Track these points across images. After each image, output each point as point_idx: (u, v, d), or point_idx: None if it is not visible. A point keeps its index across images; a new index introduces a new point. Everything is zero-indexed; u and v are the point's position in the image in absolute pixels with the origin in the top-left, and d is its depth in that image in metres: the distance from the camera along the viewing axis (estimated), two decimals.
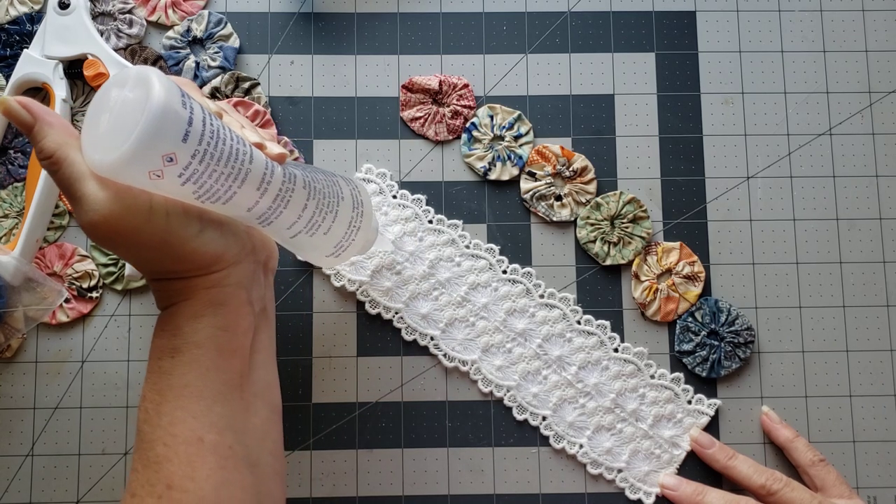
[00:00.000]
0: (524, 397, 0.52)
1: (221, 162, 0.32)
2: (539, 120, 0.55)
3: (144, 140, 0.30)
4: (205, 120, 0.32)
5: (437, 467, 0.52)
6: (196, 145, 0.31)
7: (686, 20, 0.56)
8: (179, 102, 0.31)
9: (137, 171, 0.31)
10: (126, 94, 0.31)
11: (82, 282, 0.52)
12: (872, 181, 0.55)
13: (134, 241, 0.34)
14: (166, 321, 0.37)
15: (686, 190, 0.54)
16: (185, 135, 0.30)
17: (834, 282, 0.54)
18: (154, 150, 0.30)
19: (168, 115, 0.30)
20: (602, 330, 0.53)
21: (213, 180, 0.32)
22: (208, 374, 0.36)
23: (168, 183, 0.31)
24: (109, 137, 0.31)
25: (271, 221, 0.37)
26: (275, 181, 0.35)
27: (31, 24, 0.54)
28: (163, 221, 0.34)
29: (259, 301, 0.39)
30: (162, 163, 0.30)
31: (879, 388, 0.53)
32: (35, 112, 0.35)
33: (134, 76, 0.32)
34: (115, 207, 0.32)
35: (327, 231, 0.40)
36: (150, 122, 0.29)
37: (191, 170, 0.31)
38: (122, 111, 0.31)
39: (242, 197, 0.34)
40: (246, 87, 0.54)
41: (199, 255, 0.35)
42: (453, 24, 0.56)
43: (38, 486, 0.51)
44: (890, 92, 0.56)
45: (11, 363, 0.52)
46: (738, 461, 0.50)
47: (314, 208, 0.38)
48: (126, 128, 0.30)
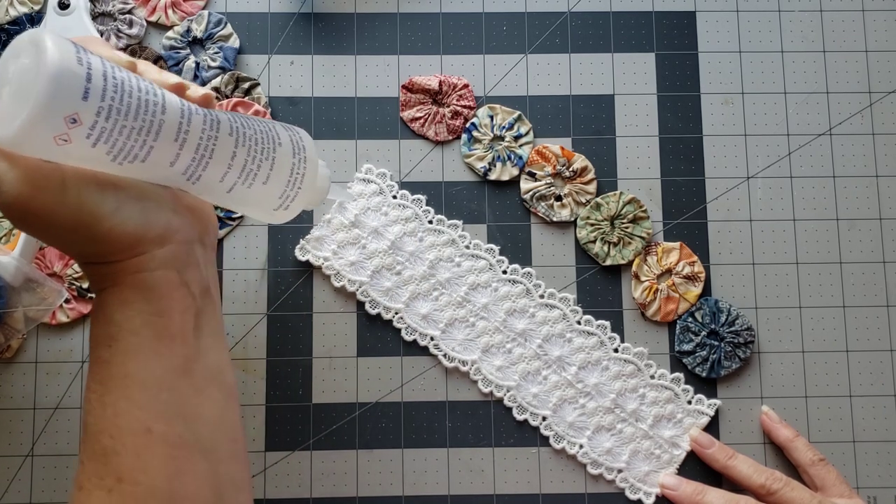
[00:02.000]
0: (524, 397, 0.52)
1: (130, 115, 0.31)
2: (539, 120, 0.55)
3: (42, 103, 0.28)
4: (105, 73, 0.30)
5: (437, 467, 0.52)
6: (99, 101, 0.29)
7: (686, 20, 0.56)
8: (74, 60, 0.29)
9: (42, 139, 0.29)
10: (21, 62, 0.30)
11: (82, 282, 0.52)
12: (872, 181, 0.55)
13: (48, 222, 0.32)
14: (98, 308, 0.35)
15: (686, 190, 0.54)
16: (85, 92, 0.29)
17: (834, 282, 0.54)
18: (54, 113, 0.28)
19: (63, 74, 0.28)
20: (602, 330, 0.53)
21: (124, 137, 0.31)
22: (149, 363, 0.34)
23: (77, 147, 0.30)
24: (10, 108, 0.29)
25: (199, 175, 0.34)
26: (193, 129, 0.33)
27: (31, 24, 0.54)
28: (75, 199, 0.32)
29: (197, 282, 0.37)
30: (66, 125, 0.29)
31: (879, 388, 0.53)
32: None
33: (26, 42, 0.30)
34: (26, 186, 0.31)
35: (266, 180, 0.37)
36: (44, 85, 0.28)
37: (98, 129, 0.30)
38: (20, 80, 0.29)
39: (160, 152, 0.32)
40: (246, 88, 0.54)
41: (117, 236, 0.33)
42: (453, 24, 0.56)
43: (38, 486, 0.51)
44: (890, 92, 0.56)
45: (11, 363, 0.52)
46: (737, 461, 0.50)
47: (245, 155, 0.36)
48: (22, 95, 0.29)
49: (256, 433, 0.52)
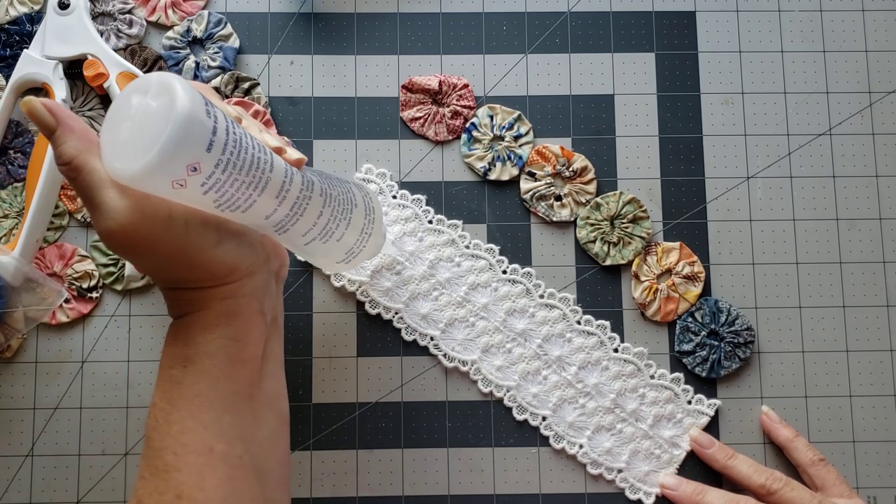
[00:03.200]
0: (524, 397, 0.52)
1: (244, 171, 0.32)
2: (539, 120, 0.55)
3: (169, 150, 0.29)
4: (228, 128, 0.31)
5: (437, 467, 0.52)
6: (220, 154, 0.31)
7: (686, 20, 0.56)
8: (204, 111, 0.30)
9: (161, 181, 0.30)
10: (149, 103, 0.31)
11: (82, 282, 0.52)
12: (872, 181, 0.55)
13: (151, 251, 0.34)
14: (179, 330, 0.36)
15: (686, 190, 0.54)
16: (210, 144, 0.30)
17: (834, 282, 0.54)
18: (178, 160, 0.30)
19: (193, 125, 0.29)
20: (602, 330, 0.53)
21: (234, 189, 0.32)
22: (219, 384, 0.36)
23: (190, 192, 0.31)
24: (131, 146, 0.30)
25: (287, 229, 0.37)
26: (293, 189, 0.35)
27: (31, 24, 0.54)
28: (181, 231, 0.33)
29: (271, 311, 0.39)
30: (186, 172, 0.30)
31: (879, 388, 0.53)
32: (58, 115, 0.34)
33: (156, 83, 0.31)
34: (135, 216, 0.32)
35: (340, 238, 0.40)
36: (175, 132, 0.29)
37: (213, 179, 0.31)
38: (145, 119, 0.30)
39: (262, 205, 0.34)
40: (246, 88, 0.54)
41: (216, 266, 0.35)
42: (453, 24, 0.56)
43: (38, 486, 0.51)
44: (890, 92, 0.56)
45: (11, 363, 0.52)
46: (737, 461, 0.50)
47: (329, 216, 0.38)
48: (149, 137, 0.30)
49: None
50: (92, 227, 0.53)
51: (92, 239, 0.53)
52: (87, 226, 0.53)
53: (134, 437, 0.51)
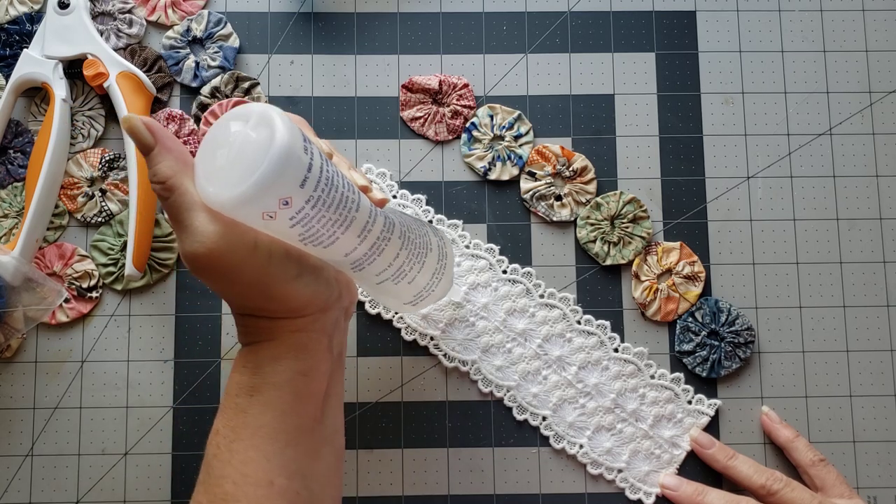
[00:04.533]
0: (524, 397, 0.52)
1: (332, 208, 0.32)
2: (539, 120, 0.55)
3: (264, 183, 0.30)
4: (322, 166, 0.32)
5: (437, 467, 0.52)
6: (312, 191, 0.31)
7: (686, 20, 0.56)
8: (302, 147, 0.31)
9: (252, 211, 0.31)
10: (248, 133, 0.31)
11: (82, 282, 0.52)
12: (872, 181, 0.55)
13: (232, 277, 0.34)
14: (247, 358, 0.36)
15: (686, 190, 0.54)
16: (304, 180, 0.31)
17: (834, 282, 0.54)
18: (272, 193, 0.30)
19: (290, 160, 0.30)
20: (602, 330, 0.53)
21: (320, 224, 0.33)
22: (284, 417, 0.35)
23: (278, 224, 0.32)
24: (227, 173, 0.31)
25: (363, 268, 0.37)
26: (375, 228, 0.36)
27: (30, 23, 0.54)
28: (264, 261, 0.33)
29: (338, 346, 0.39)
30: (277, 205, 0.30)
31: (879, 388, 0.53)
32: (157, 135, 0.34)
33: (258, 114, 0.31)
34: (222, 242, 0.32)
35: (412, 280, 0.40)
36: (272, 166, 0.29)
37: (302, 214, 0.31)
38: (243, 149, 0.31)
39: (344, 242, 0.34)
40: (246, 87, 0.54)
41: (292, 299, 0.35)
42: (453, 24, 0.56)
43: (38, 486, 0.51)
44: (890, 92, 0.56)
45: (11, 363, 0.52)
46: (738, 461, 0.50)
47: (405, 258, 0.38)
48: (246, 167, 0.30)
49: None
50: (92, 226, 0.53)
51: (92, 238, 0.53)
52: (87, 226, 0.53)
53: (133, 436, 0.51)
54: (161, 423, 0.52)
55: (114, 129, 0.54)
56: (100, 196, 0.53)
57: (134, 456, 0.51)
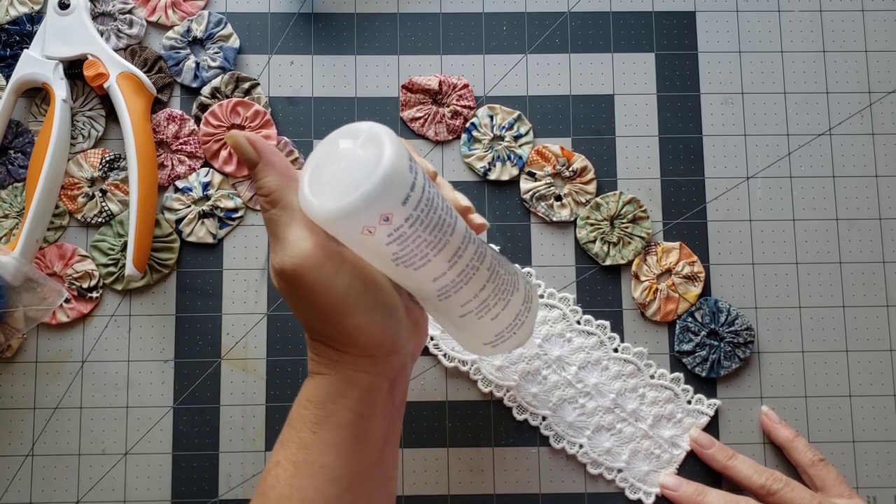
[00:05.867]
0: (524, 397, 0.52)
1: (428, 229, 0.33)
2: (539, 120, 0.55)
3: (371, 196, 0.31)
4: (424, 186, 0.33)
5: (437, 467, 0.52)
6: (412, 209, 0.32)
7: (686, 20, 0.56)
8: (407, 166, 0.32)
9: (353, 224, 0.32)
10: (357, 150, 0.32)
11: (82, 282, 0.52)
12: (872, 181, 0.55)
13: (311, 298, 0.34)
14: (311, 391, 0.37)
15: (686, 190, 0.54)
16: (406, 198, 0.31)
17: (834, 282, 0.54)
18: (376, 208, 0.31)
19: (396, 177, 0.31)
20: (602, 330, 0.53)
21: (415, 245, 0.33)
22: (346, 460, 0.36)
23: (376, 240, 0.32)
24: (333, 187, 0.32)
25: (449, 296, 0.37)
26: (466, 255, 0.35)
27: (31, 24, 0.54)
28: (344, 287, 0.34)
29: (400, 394, 0.39)
30: (378, 220, 0.31)
31: (879, 388, 0.53)
32: (261, 150, 0.35)
33: (367, 133, 0.33)
34: (310, 260, 0.33)
35: (496, 317, 0.39)
36: (379, 180, 0.30)
37: (400, 231, 0.32)
38: (351, 166, 0.32)
39: (433, 267, 0.35)
40: (246, 88, 0.54)
41: (361, 333, 0.35)
42: (453, 24, 0.56)
43: (38, 486, 0.51)
44: (890, 92, 0.56)
45: (11, 363, 0.52)
46: (737, 461, 0.50)
47: (491, 291, 0.38)
48: (352, 181, 0.31)
49: (256, 433, 0.52)
50: (92, 226, 0.53)
51: (92, 239, 0.53)
52: (87, 226, 0.53)
53: (133, 436, 0.51)
54: (161, 423, 0.52)
55: (114, 129, 0.54)
56: (100, 196, 0.53)
57: (134, 456, 0.51)
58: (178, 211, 0.53)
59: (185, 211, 0.53)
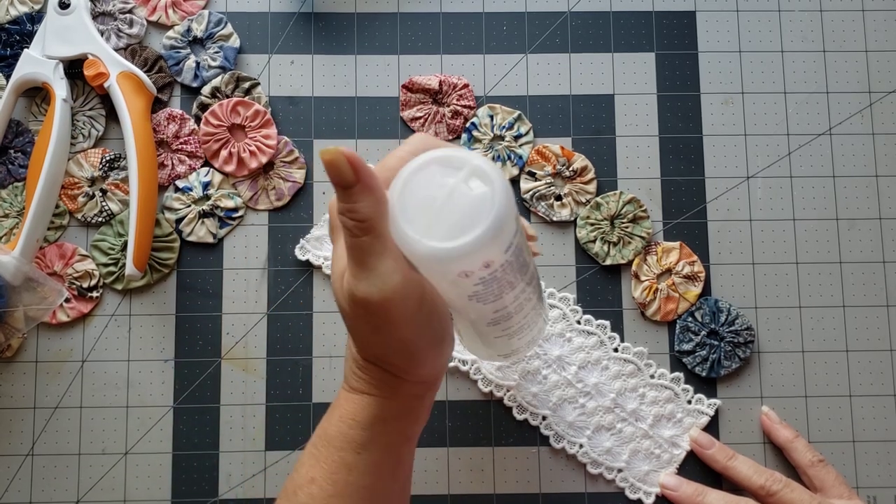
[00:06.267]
0: (524, 397, 0.52)
1: (515, 272, 0.32)
2: (539, 120, 0.55)
3: (481, 243, 0.28)
4: (518, 230, 0.31)
5: (437, 467, 0.52)
6: (510, 255, 0.30)
7: (686, 20, 0.56)
8: (515, 212, 0.30)
9: (453, 268, 0.30)
10: (463, 185, 0.30)
11: (82, 281, 0.52)
12: (872, 181, 0.55)
13: (389, 329, 0.33)
14: (357, 411, 0.36)
15: (686, 190, 0.54)
16: (509, 246, 0.30)
17: (834, 282, 0.54)
18: (481, 254, 0.29)
19: (506, 224, 0.29)
20: (602, 330, 0.53)
21: (497, 286, 0.32)
22: (385, 482, 0.36)
23: (467, 282, 0.31)
24: (433, 225, 0.30)
25: (498, 322, 0.36)
26: (529, 288, 0.35)
27: (31, 23, 0.54)
28: (424, 321, 0.33)
29: (425, 420, 0.40)
30: (479, 266, 0.30)
31: (879, 388, 0.53)
32: (360, 172, 0.31)
33: (472, 167, 0.30)
34: (398, 294, 0.31)
35: (522, 337, 0.39)
36: (493, 227, 0.28)
37: (493, 276, 0.31)
38: (458, 202, 0.29)
39: (503, 301, 0.33)
40: (246, 87, 0.54)
41: (429, 364, 0.35)
42: (453, 24, 0.56)
43: (38, 486, 0.51)
44: (890, 92, 0.56)
45: (11, 363, 0.52)
46: (737, 462, 0.50)
47: (533, 316, 0.38)
48: (458, 224, 0.29)
49: (256, 433, 0.52)
50: (92, 226, 0.53)
51: (92, 238, 0.53)
52: (87, 225, 0.53)
53: (133, 436, 0.51)
54: (161, 423, 0.52)
55: (114, 128, 0.54)
56: (100, 196, 0.53)
57: (134, 456, 0.51)
58: (178, 210, 0.53)
59: (186, 210, 0.53)
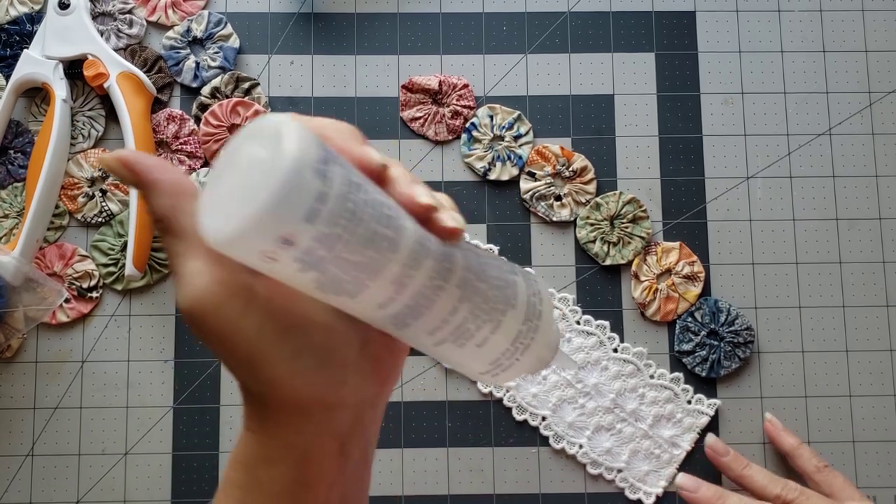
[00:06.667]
0: (524, 397, 0.52)
1: (354, 250, 0.25)
2: (539, 120, 0.55)
3: (259, 216, 0.23)
4: (346, 193, 0.25)
5: (437, 467, 0.52)
6: (324, 227, 0.24)
7: (686, 20, 0.56)
8: (314, 170, 0.24)
9: (249, 250, 0.25)
10: (255, 151, 0.25)
11: (82, 282, 0.52)
12: (872, 181, 0.55)
13: (217, 344, 0.27)
14: (241, 450, 0.30)
15: (686, 190, 0.54)
16: (312, 213, 0.24)
17: (834, 282, 0.54)
18: (269, 230, 0.24)
19: (294, 189, 0.23)
20: (601, 330, 0.53)
21: (340, 270, 0.25)
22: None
23: (283, 268, 0.25)
24: (227, 202, 0.25)
25: (408, 324, 0.28)
26: (422, 272, 0.27)
27: (31, 24, 0.54)
28: (254, 330, 0.27)
29: (359, 450, 0.31)
30: (277, 244, 0.24)
31: (879, 388, 0.53)
32: (139, 169, 0.27)
33: (268, 127, 0.25)
34: (208, 298, 0.26)
35: (482, 343, 0.30)
36: (269, 196, 0.23)
37: (313, 256, 0.25)
38: (249, 172, 0.24)
39: (374, 293, 0.27)
40: (246, 88, 0.54)
41: (284, 386, 0.27)
42: (453, 24, 0.56)
43: (38, 486, 0.51)
44: (890, 92, 0.56)
45: (11, 363, 0.52)
46: (752, 471, 0.49)
47: (466, 313, 0.29)
48: (246, 194, 0.24)
49: None
50: (92, 226, 0.53)
51: (92, 238, 0.53)
52: (87, 226, 0.53)
53: (133, 436, 0.51)
54: (161, 423, 0.52)
55: (114, 129, 0.54)
56: (100, 196, 0.53)
57: (134, 456, 0.51)
58: None
59: None
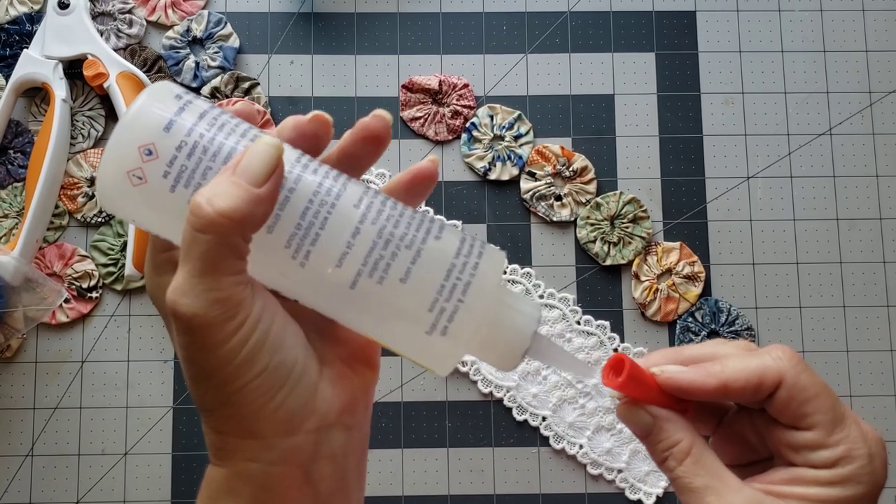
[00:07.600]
0: (524, 398, 0.52)
1: (218, 156, 0.26)
2: (539, 120, 0.55)
3: (117, 134, 0.27)
4: (204, 110, 0.27)
5: (437, 467, 0.52)
6: (184, 136, 0.26)
7: (686, 20, 0.56)
8: (173, 94, 0.27)
9: (117, 173, 0.27)
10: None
11: (82, 282, 0.52)
12: (872, 181, 0.55)
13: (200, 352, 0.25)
14: (206, 485, 0.28)
15: (686, 190, 0.54)
16: (169, 124, 0.26)
17: (834, 282, 0.54)
18: (128, 142, 0.27)
19: (144, 106, 0.27)
20: (602, 330, 0.53)
21: (200, 177, 0.26)
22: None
23: (155, 188, 0.26)
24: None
25: (307, 252, 0.26)
26: (301, 190, 0.26)
27: (31, 24, 0.54)
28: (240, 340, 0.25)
29: (329, 477, 0.28)
30: (140, 158, 0.26)
31: (879, 388, 0.53)
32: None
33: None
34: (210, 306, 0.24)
35: (405, 276, 0.26)
36: (128, 113, 0.27)
37: (177, 166, 0.26)
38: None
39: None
40: (246, 87, 0.54)
41: (242, 404, 0.25)
42: (453, 24, 0.56)
43: (38, 486, 0.51)
44: (890, 92, 0.56)
45: (11, 363, 0.52)
46: None
47: (375, 236, 0.26)
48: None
49: None
50: (92, 226, 0.53)
51: (92, 238, 0.53)
52: (87, 226, 0.53)
53: (133, 436, 0.51)
54: (161, 423, 0.52)
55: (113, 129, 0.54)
56: None
57: (134, 456, 0.51)
58: None
59: None
